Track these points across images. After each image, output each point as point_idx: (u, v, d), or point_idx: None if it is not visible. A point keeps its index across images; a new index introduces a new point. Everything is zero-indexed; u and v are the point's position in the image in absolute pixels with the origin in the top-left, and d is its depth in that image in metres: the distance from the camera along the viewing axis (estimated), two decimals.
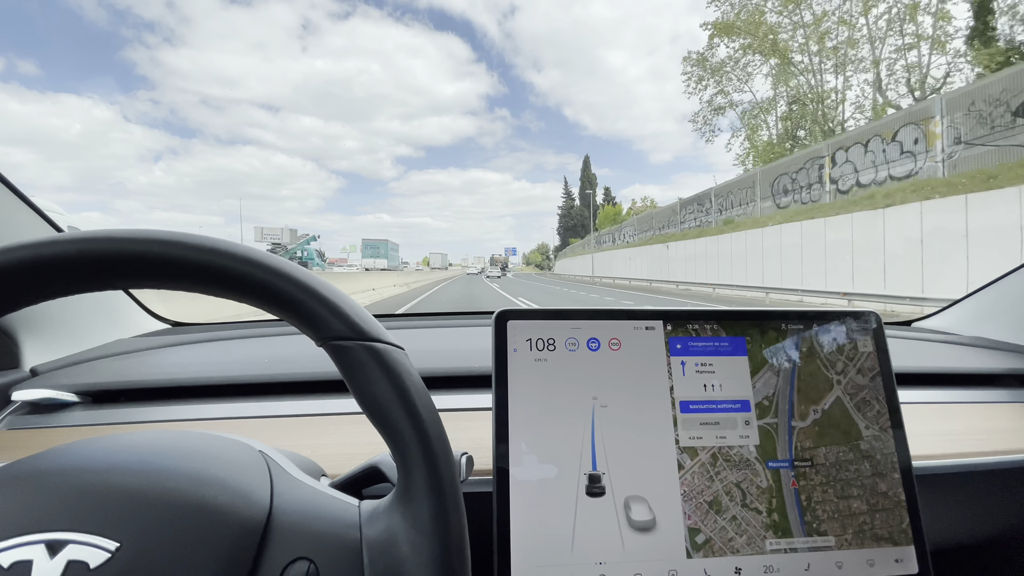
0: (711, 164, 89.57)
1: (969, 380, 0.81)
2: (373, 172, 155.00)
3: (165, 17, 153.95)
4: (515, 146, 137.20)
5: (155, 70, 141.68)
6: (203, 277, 0.29)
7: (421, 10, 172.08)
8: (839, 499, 0.48)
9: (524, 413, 0.47)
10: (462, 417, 0.64)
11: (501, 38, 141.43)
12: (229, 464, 0.33)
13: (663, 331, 0.51)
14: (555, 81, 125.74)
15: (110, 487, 0.29)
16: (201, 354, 0.86)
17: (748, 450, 0.47)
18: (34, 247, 0.28)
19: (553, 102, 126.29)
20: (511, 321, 0.49)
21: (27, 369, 0.74)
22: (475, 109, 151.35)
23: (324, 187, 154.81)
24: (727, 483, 0.47)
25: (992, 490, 0.62)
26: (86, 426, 0.63)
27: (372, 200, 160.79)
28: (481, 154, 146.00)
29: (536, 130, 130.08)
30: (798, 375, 0.50)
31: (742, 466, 0.47)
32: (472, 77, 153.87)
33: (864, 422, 0.50)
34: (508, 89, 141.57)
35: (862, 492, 0.48)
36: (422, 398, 0.32)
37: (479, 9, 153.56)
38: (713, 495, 0.46)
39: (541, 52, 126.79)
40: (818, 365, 0.51)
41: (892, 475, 0.49)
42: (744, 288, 14.51)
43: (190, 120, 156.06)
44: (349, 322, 0.31)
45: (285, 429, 0.63)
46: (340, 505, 0.33)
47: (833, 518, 0.47)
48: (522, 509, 0.44)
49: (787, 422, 0.49)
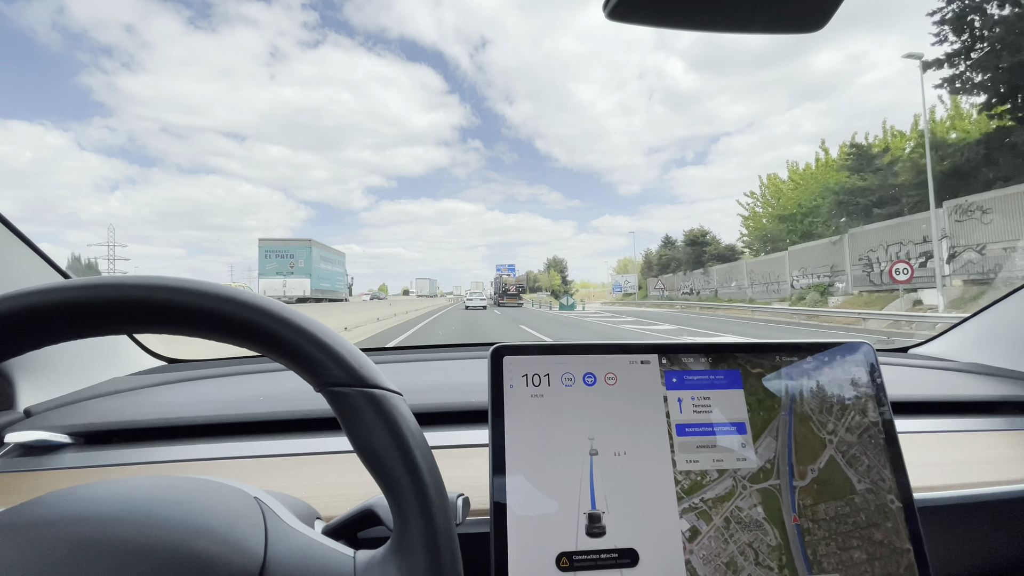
0: (677, 196, 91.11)
1: (967, 408, 0.81)
2: (343, 202, 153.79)
3: (124, 42, 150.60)
4: (488, 177, 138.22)
5: (112, 96, 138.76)
6: (206, 323, 0.30)
7: (392, 40, 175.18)
8: (844, 546, 0.47)
9: (521, 450, 0.47)
10: (458, 454, 0.64)
11: (473, 70, 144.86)
12: (223, 513, 0.33)
13: (658, 365, 0.51)
14: (527, 114, 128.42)
15: (103, 538, 0.29)
16: (196, 392, 0.86)
17: (757, 511, 0.47)
18: (41, 293, 0.28)
19: (525, 134, 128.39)
20: (507, 356, 0.49)
21: (21, 410, 0.73)
22: (448, 140, 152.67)
23: (292, 217, 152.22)
24: (740, 544, 0.46)
25: (996, 522, 0.61)
26: (78, 468, 0.63)
27: (342, 231, 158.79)
28: (454, 185, 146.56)
29: (509, 161, 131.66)
30: (795, 437, 0.50)
31: (753, 527, 0.47)
32: (445, 108, 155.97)
33: (863, 469, 0.50)
34: (481, 121, 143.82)
35: (864, 527, 0.48)
36: (419, 446, 0.32)
37: (450, 41, 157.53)
38: (729, 556, 0.46)
39: (513, 85, 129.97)
40: (811, 414, 0.51)
41: (894, 509, 0.49)
42: None
43: (150, 148, 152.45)
44: (347, 368, 0.32)
45: (280, 469, 0.62)
46: (336, 556, 0.32)
47: (837, 554, 0.47)
48: (521, 549, 0.44)
49: (788, 482, 0.49)
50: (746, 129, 71.16)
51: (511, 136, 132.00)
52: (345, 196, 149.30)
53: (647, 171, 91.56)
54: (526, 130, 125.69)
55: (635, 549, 0.45)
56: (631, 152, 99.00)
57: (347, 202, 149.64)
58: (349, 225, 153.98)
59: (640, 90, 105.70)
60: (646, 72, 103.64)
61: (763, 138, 64.22)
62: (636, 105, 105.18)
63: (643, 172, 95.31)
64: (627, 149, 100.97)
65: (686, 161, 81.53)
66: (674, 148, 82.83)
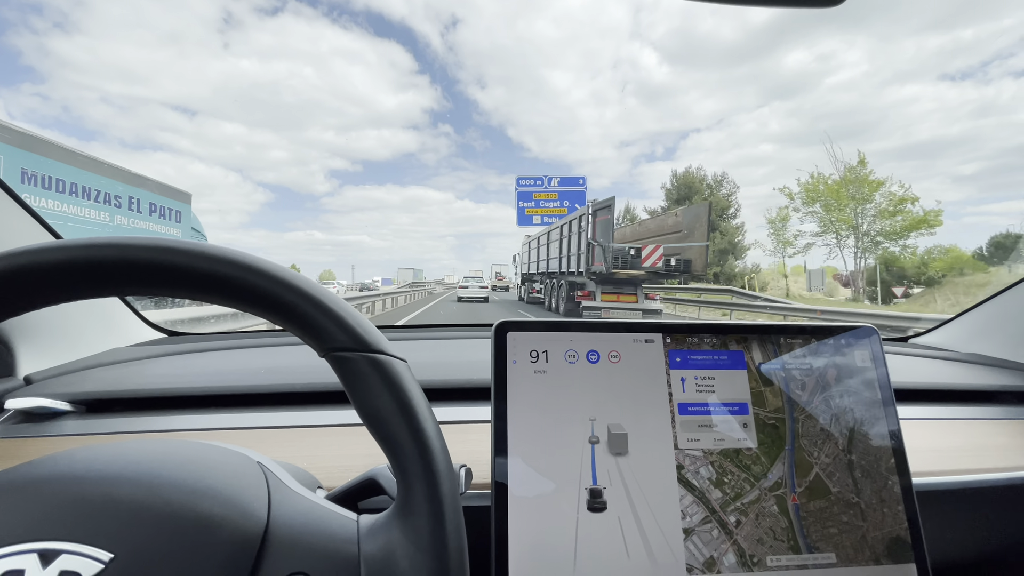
0: (645, 191, 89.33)
1: (967, 396, 0.81)
2: (304, 186, 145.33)
3: None
4: (457, 165, 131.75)
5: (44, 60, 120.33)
6: (208, 286, 0.29)
7: (359, 12, 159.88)
8: (841, 518, 0.47)
9: (523, 426, 0.47)
10: (460, 430, 0.64)
11: (444, 51, 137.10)
12: (226, 476, 0.33)
13: (662, 344, 0.51)
14: (499, 100, 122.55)
15: (105, 497, 0.29)
16: (198, 364, 0.86)
17: (757, 492, 0.47)
18: (41, 252, 0.28)
19: (496, 122, 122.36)
20: (511, 332, 0.49)
21: (21, 377, 0.73)
22: (417, 123, 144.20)
23: (249, 200, 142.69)
24: (741, 523, 0.46)
25: (993, 507, 0.62)
26: (79, 435, 0.63)
27: (303, 216, 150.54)
28: (422, 171, 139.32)
29: (481, 149, 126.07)
30: (797, 418, 0.50)
31: (752, 507, 0.47)
32: (416, 89, 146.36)
33: (863, 451, 0.50)
34: (452, 105, 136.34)
35: (864, 511, 0.48)
36: (424, 411, 0.32)
37: (420, 17, 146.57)
38: (719, 518, 0.46)
39: (485, 68, 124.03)
40: (814, 397, 0.51)
41: (893, 493, 0.49)
42: None
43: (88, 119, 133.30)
44: (352, 333, 0.31)
45: (282, 440, 0.62)
46: (338, 519, 0.32)
47: (835, 536, 0.47)
48: (521, 524, 0.44)
49: (789, 462, 0.49)
50: (715, 126, 70.07)
51: (482, 123, 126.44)
52: (306, 179, 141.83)
53: (617, 165, 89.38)
54: (498, 117, 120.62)
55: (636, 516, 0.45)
56: (602, 145, 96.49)
57: (308, 186, 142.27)
58: (311, 211, 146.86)
59: (614, 80, 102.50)
60: (620, 62, 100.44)
61: (730, 135, 63.31)
62: (609, 96, 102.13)
63: (613, 166, 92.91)
64: (599, 141, 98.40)
65: (655, 156, 79.61)
66: (644, 142, 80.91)
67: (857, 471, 0.49)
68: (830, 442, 0.50)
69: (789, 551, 0.46)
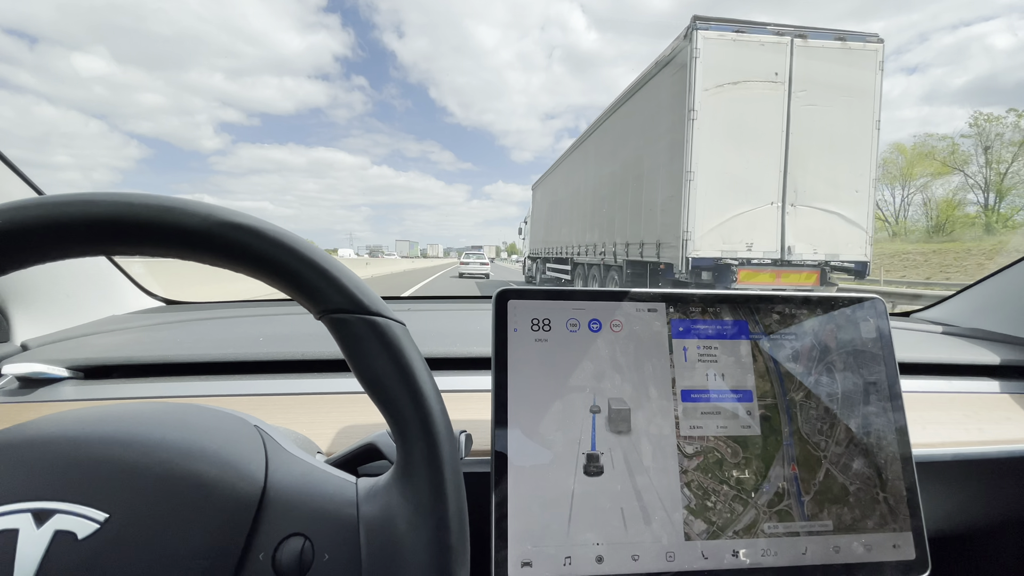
0: None
1: (968, 371, 0.81)
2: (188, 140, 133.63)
3: None
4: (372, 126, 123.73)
5: None
6: (202, 245, 0.28)
7: None
8: (839, 486, 0.48)
9: (524, 393, 0.46)
10: (461, 398, 0.64)
11: None
12: (223, 438, 0.32)
13: (665, 313, 0.50)
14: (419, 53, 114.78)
15: (101, 457, 0.29)
16: (195, 332, 0.85)
17: (757, 463, 0.47)
18: (21, 209, 0.26)
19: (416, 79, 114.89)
20: (512, 300, 0.48)
21: (18, 343, 0.73)
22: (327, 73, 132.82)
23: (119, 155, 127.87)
24: (729, 472, 0.47)
25: (990, 479, 0.62)
26: (77, 401, 0.63)
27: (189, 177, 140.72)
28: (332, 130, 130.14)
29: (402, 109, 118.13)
30: (800, 389, 0.50)
31: (754, 478, 0.47)
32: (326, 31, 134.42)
33: (865, 421, 0.50)
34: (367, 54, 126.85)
35: (862, 479, 0.48)
36: (423, 374, 0.31)
37: None
38: (715, 482, 0.46)
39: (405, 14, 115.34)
40: (816, 367, 0.50)
41: (892, 463, 0.49)
42: None
43: None
44: (349, 295, 0.30)
45: (280, 407, 0.62)
46: (337, 482, 0.32)
47: (832, 504, 0.47)
48: (520, 489, 0.44)
49: (789, 434, 0.48)
50: None
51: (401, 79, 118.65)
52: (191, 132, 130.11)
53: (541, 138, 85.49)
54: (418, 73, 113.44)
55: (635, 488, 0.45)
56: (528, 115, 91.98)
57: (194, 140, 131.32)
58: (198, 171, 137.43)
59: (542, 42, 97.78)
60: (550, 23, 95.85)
61: None
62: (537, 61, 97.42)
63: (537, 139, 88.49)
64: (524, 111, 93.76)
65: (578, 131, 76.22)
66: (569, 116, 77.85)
67: (857, 442, 0.49)
68: (831, 413, 0.49)
69: (787, 518, 0.46)
